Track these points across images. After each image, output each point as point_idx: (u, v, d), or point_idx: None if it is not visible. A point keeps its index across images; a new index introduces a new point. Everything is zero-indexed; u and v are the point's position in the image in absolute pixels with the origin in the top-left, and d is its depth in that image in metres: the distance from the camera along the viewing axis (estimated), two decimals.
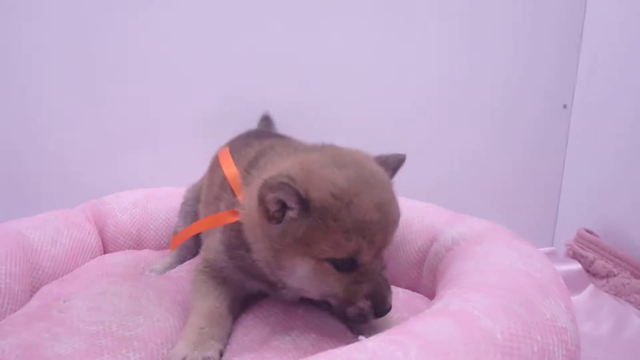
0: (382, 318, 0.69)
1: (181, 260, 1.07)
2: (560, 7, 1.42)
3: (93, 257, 1.10)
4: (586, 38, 1.41)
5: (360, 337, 0.52)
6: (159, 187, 1.27)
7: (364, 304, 0.65)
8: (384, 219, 0.64)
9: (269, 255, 0.68)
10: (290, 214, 0.63)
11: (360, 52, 1.44)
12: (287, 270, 0.67)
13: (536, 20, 1.43)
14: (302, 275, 0.66)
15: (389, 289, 0.67)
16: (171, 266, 1.06)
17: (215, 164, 0.95)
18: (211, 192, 0.91)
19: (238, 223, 0.74)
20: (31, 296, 0.89)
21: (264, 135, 1.04)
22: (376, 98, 1.47)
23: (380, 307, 0.65)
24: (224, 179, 0.83)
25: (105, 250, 1.18)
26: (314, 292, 0.69)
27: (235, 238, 0.75)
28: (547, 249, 1.54)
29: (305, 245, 0.63)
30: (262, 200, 0.64)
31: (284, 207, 0.64)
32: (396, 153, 0.78)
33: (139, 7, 1.39)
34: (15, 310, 0.82)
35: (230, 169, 0.82)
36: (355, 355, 0.47)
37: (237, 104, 1.46)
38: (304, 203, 0.61)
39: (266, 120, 1.38)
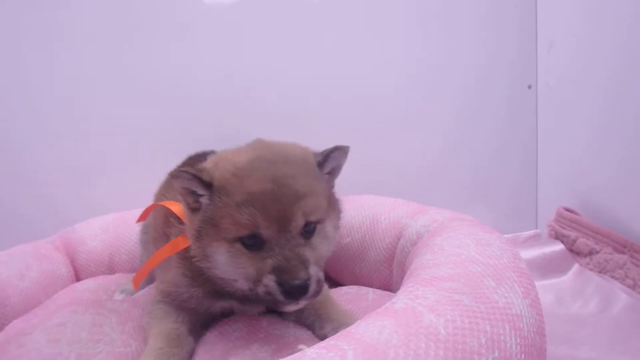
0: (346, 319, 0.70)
1: (151, 280, 1.06)
2: None
3: (65, 288, 1.08)
4: (541, 17, 1.39)
5: (301, 347, 0.51)
6: (128, 210, 1.26)
7: (269, 280, 0.61)
8: (279, 189, 0.62)
9: (197, 248, 0.67)
10: (203, 200, 0.65)
11: (331, 51, 1.44)
12: (212, 260, 0.66)
13: (494, 4, 1.42)
14: (222, 261, 0.65)
15: (302, 264, 0.61)
16: (142, 287, 1.04)
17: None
18: (158, 231, 0.88)
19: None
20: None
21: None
22: (347, 92, 1.46)
23: (287, 282, 0.60)
24: (166, 216, 0.81)
25: (77, 279, 1.16)
26: (240, 280, 0.66)
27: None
28: (531, 231, 1.51)
29: (216, 227, 0.63)
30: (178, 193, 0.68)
31: (197, 196, 0.66)
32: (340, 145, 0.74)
33: (103, 33, 1.39)
34: None
35: (173, 205, 0.78)
36: None
37: (205, 125, 1.45)
38: (210, 187, 0.64)
39: None
